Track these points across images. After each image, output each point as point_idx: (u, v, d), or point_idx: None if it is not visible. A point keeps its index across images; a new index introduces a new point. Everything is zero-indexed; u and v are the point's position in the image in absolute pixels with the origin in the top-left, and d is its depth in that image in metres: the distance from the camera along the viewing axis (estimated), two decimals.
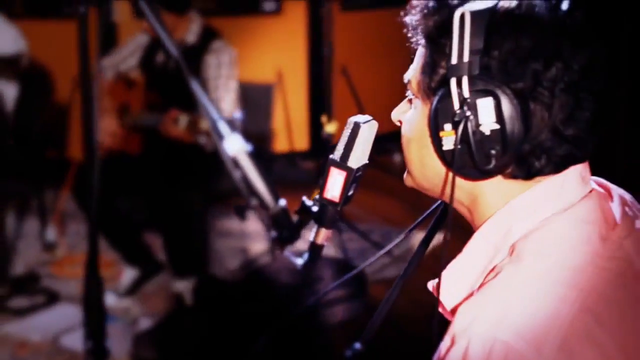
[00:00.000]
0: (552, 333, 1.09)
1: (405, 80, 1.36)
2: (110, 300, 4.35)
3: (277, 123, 5.68)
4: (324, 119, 4.80)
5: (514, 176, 1.24)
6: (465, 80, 1.19)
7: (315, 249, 1.57)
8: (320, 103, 6.30)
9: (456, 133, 1.21)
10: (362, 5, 6.94)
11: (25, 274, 4.78)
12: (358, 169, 1.46)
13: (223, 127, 1.67)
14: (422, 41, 1.31)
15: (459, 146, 1.21)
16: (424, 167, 1.33)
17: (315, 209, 1.52)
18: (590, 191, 1.29)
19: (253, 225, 5.32)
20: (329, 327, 3.95)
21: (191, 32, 4.48)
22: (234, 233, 5.28)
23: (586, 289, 1.14)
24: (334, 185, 1.48)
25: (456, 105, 1.20)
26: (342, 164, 1.46)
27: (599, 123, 1.24)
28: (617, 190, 1.36)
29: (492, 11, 1.21)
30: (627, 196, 1.38)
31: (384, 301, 1.88)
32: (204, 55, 4.43)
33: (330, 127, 4.84)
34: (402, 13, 1.36)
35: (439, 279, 1.32)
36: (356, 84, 5.83)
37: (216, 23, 6.01)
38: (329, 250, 4.88)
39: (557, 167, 1.24)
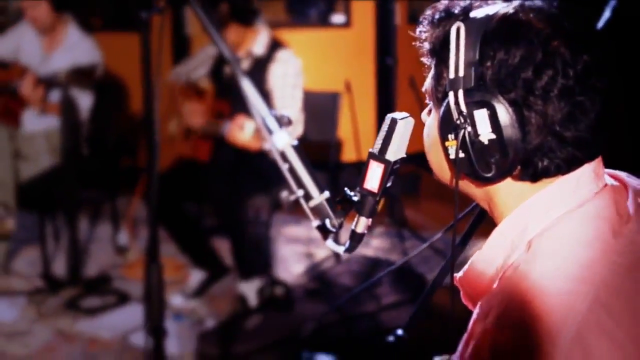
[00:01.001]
0: (566, 326, 1.15)
1: (423, 89, 1.45)
2: (178, 301, 4.49)
3: (345, 133, 5.77)
4: None
5: (521, 178, 1.30)
6: (460, 93, 1.26)
7: (355, 237, 1.67)
8: (387, 113, 6.36)
9: (457, 143, 1.29)
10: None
11: (98, 276, 4.94)
12: (395, 161, 1.56)
13: (272, 123, 1.78)
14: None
15: (461, 155, 1.29)
16: (442, 170, 1.41)
17: (356, 198, 1.62)
18: (605, 186, 1.34)
19: (317, 232, 5.42)
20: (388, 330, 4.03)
21: (259, 43, 4.56)
22: (300, 239, 5.38)
23: (598, 283, 1.19)
24: (373, 176, 1.58)
25: (455, 117, 1.28)
26: (380, 156, 1.55)
27: (602, 124, 1.27)
28: (632, 182, 1.40)
29: (486, 23, 1.28)
30: None
31: (424, 292, 1.98)
32: (270, 65, 4.50)
33: None
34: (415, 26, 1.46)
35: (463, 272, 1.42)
36: (423, 95, 5.87)
37: (288, 34, 6.14)
38: (392, 257, 4.95)
39: (562, 168, 1.29)
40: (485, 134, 1.25)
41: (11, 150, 4.84)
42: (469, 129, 1.26)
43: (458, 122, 1.27)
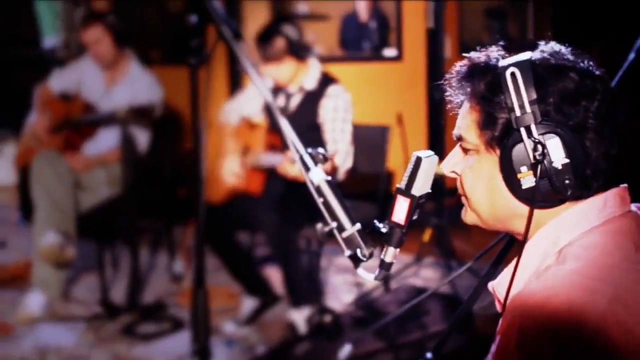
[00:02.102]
0: (588, 318, 1.29)
1: (456, 136, 1.59)
2: (230, 328, 4.61)
3: (396, 164, 5.86)
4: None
5: (577, 198, 1.47)
6: (533, 126, 1.42)
7: (385, 266, 1.79)
8: (438, 146, 6.45)
9: (535, 172, 1.44)
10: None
11: (154, 303, 5.07)
12: (421, 196, 1.70)
13: (309, 161, 1.92)
14: (468, 100, 1.55)
15: (532, 184, 1.45)
16: (496, 207, 1.55)
17: (384, 230, 1.75)
18: (629, 212, 1.50)
19: (368, 262, 5.52)
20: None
21: (310, 78, 4.67)
22: (350, 268, 5.40)
23: (618, 284, 1.34)
24: (400, 210, 1.71)
25: (529, 149, 1.43)
26: (406, 192, 1.69)
27: (629, 143, 1.47)
28: None
29: (534, 65, 1.46)
30: None
31: (453, 318, 2.11)
32: (321, 100, 4.61)
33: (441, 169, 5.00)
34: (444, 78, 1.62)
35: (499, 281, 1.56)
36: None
37: (341, 68, 6.28)
38: (440, 287, 5.03)
39: (609, 185, 1.48)
40: (559, 159, 1.42)
41: (72, 181, 5.00)
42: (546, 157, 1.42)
43: (535, 153, 1.42)
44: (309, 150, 1.98)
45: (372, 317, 4.58)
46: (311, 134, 4.55)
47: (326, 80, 4.72)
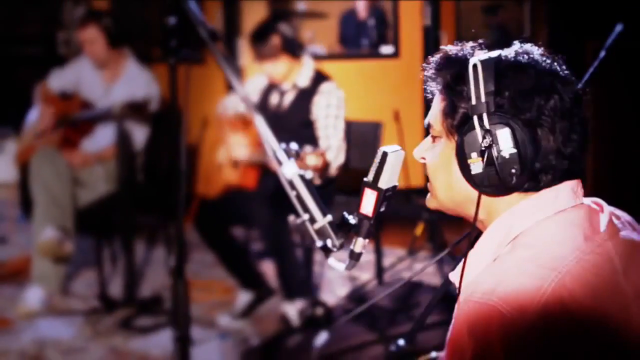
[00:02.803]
0: (533, 301, 1.37)
1: (426, 124, 1.68)
2: (225, 321, 4.69)
3: None
4: None
5: (526, 190, 1.55)
6: (485, 116, 1.51)
7: (354, 256, 1.88)
8: None
9: (483, 159, 1.52)
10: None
11: (151, 297, 5.15)
12: (387, 189, 1.78)
13: (282, 155, 2.00)
14: (438, 90, 1.64)
15: (481, 170, 1.53)
16: (452, 191, 1.64)
17: (353, 222, 1.83)
18: (581, 204, 1.58)
19: (362, 256, 5.59)
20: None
21: (303, 75, 4.73)
22: (344, 262, 5.53)
23: (564, 271, 1.42)
24: (368, 202, 1.79)
25: (480, 136, 1.52)
26: (373, 185, 1.77)
27: (587, 143, 1.55)
28: (611, 209, 1.64)
29: (497, 61, 1.55)
30: (624, 215, 1.66)
31: (427, 305, 2.18)
32: (314, 97, 4.67)
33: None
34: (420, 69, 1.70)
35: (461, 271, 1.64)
36: None
37: (340, 65, 6.35)
38: (434, 280, 5.10)
39: (559, 180, 1.55)
40: (507, 149, 1.50)
41: (70, 177, 5.08)
42: (494, 145, 1.50)
43: (484, 140, 1.51)
44: (282, 145, 2.06)
45: (364, 309, 4.64)
46: (304, 131, 4.62)
47: (319, 77, 4.78)
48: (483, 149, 1.51)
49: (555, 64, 1.58)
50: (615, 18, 2.96)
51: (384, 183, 1.77)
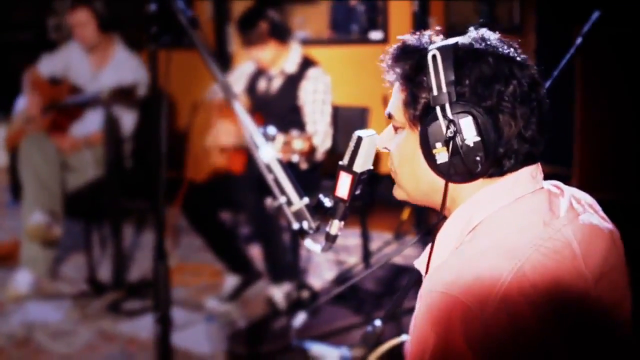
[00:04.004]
0: (493, 291, 1.40)
1: (387, 114, 1.70)
2: (213, 304, 4.73)
3: None
4: None
5: (490, 175, 1.57)
6: (447, 106, 1.53)
7: (330, 238, 1.92)
8: None
9: (447, 149, 1.54)
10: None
11: (139, 281, 5.19)
12: (362, 172, 1.82)
13: (259, 139, 2.03)
14: (398, 81, 1.66)
15: (447, 160, 1.54)
16: (418, 181, 1.65)
17: (329, 204, 1.87)
18: (541, 188, 1.61)
19: (349, 240, 5.65)
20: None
21: (291, 61, 4.77)
22: (332, 247, 5.57)
23: (524, 259, 1.44)
24: (343, 185, 1.83)
25: (443, 126, 1.54)
26: (348, 168, 1.81)
27: (546, 125, 1.58)
28: (572, 192, 1.67)
29: (455, 49, 1.56)
30: (585, 197, 1.69)
31: (403, 287, 2.23)
32: (301, 82, 4.72)
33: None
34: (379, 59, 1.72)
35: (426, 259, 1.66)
36: None
37: (329, 51, 6.36)
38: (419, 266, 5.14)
39: (521, 164, 1.57)
40: (471, 137, 1.51)
41: (59, 161, 5.11)
42: (458, 134, 1.52)
43: (448, 130, 1.52)
44: (260, 129, 2.09)
45: (350, 293, 4.69)
46: (292, 116, 4.66)
47: (306, 63, 4.81)
48: (447, 138, 1.53)
49: (512, 49, 1.60)
50: (603, 4, 3.00)
51: (359, 166, 1.80)
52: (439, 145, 1.55)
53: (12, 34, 8.86)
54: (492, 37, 1.61)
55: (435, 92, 1.53)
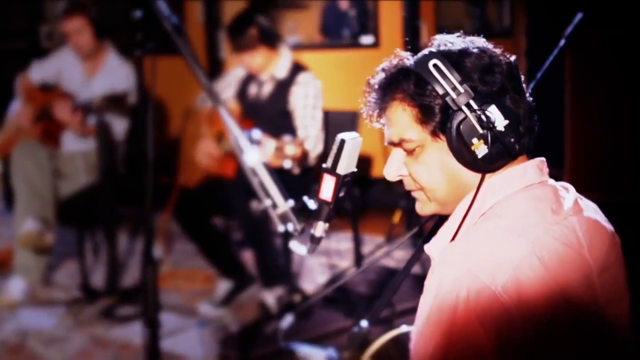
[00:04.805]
0: (504, 266, 1.47)
1: (393, 142, 1.72)
2: (206, 309, 4.75)
3: (375, 149, 5.97)
4: None
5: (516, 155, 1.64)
6: (472, 102, 1.58)
7: (315, 239, 1.93)
8: None
9: (486, 141, 1.59)
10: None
11: (132, 287, 5.20)
12: (346, 175, 1.84)
13: (244, 143, 2.05)
14: (398, 104, 1.68)
15: (485, 151, 1.59)
16: (453, 187, 1.68)
17: (313, 207, 1.89)
18: (547, 182, 1.68)
19: (341, 244, 5.67)
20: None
21: (281, 66, 4.78)
22: (324, 251, 5.62)
23: (534, 240, 1.51)
24: (327, 188, 1.86)
25: (475, 122, 1.59)
26: (332, 171, 1.84)
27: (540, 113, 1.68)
28: (577, 194, 1.72)
29: (444, 54, 1.63)
30: (589, 202, 1.74)
31: (388, 287, 2.25)
32: (292, 88, 4.73)
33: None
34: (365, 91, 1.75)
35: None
36: None
37: (321, 56, 6.37)
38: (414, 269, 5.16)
39: (524, 149, 1.65)
40: (501, 122, 1.59)
41: (51, 169, 5.12)
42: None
43: (482, 124, 1.57)
44: (245, 134, 2.11)
45: (341, 296, 4.71)
46: (283, 121, 4.68)
47: (297, 68, 4.83)
48: (484, 131, 1.58)
49: (483, 41, 1.69)
50: (593, 5, 3.02)
51: (342, 169, 1.83)
52: (475, 140, 1.59)
53: (5, 42, 8.86)
54: (453, 38, 1.69)
55: (453, 95, 1.59)
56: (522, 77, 1.67)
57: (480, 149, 1.59)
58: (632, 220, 4.69)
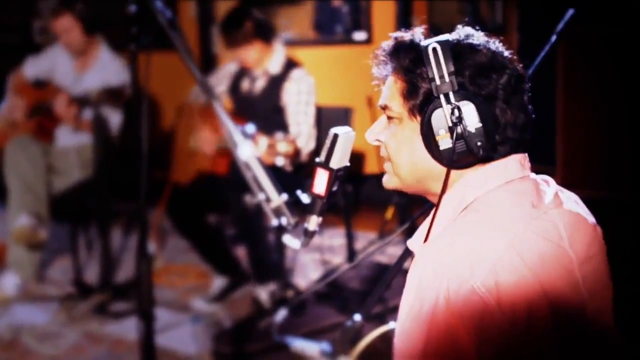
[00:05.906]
0: (484, 260, 1.47)
1: (381, 106, 1.74)
2: (200, 305, 4.75)
3: (368, 145, 5.99)
4: None
5: (485, 160, 1.64)
6: (451, 94, 1.60)
7: (308, 233, 1.95)
8: None
9: (451, 135, 1.60)
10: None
11: (126, 282, 5.20)
12: (339, 169, 1.85)
13: (238, 137, 2.06)
14: (394, 73, 1.71)
15: (450, 145, 1.60)
16: (416, 168, 1.70)
17: (306, 201, 1.90)
18: (529, 176, 1.68)
19: (334, 240, 5.68)
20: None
21: (275, 62, 4.79)
22: (317, 247, 5.63)
23: (514, 234, 1.51)
24: (320, 182, 1.87)
25: (447, 113, 1.60)
26: (325, 165, 1.85)
27: (532, 115, 1.66)
28: (558, 186, 1.73)
29: (452, 43, 1.64)
30: (570, 193, 1.75)
31: (381, 282, 2.26)
32: (285, 84, 4.73)
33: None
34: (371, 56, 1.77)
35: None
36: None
37: (314, 52, 6.37)
38: (406, 264, 5.18)
39: (513, 151, 1.66)
40: (473, 124, 1.59)
41: (45, 164, 5.13)
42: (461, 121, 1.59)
43: (452, 117, 1.59)
44: (239, 128, 2.12)
45: (335, 292, 4.72)
46: (275, 117, 4.68)
47: (290, 64, 4.83)
48: (451, 125, 1.59)
49: (500, 44, 1.69)
50: (585, 1, 3.03)
51: (335, 163, 1.84)
52: (442, 132, 1.61)
53: None
54: (478, 34, 1.69)
55: (438, 82, 1.61)
56: (527, 92, 1.67)
57: (444, 142, 1.61)
58: (624, 216, 4.71)
